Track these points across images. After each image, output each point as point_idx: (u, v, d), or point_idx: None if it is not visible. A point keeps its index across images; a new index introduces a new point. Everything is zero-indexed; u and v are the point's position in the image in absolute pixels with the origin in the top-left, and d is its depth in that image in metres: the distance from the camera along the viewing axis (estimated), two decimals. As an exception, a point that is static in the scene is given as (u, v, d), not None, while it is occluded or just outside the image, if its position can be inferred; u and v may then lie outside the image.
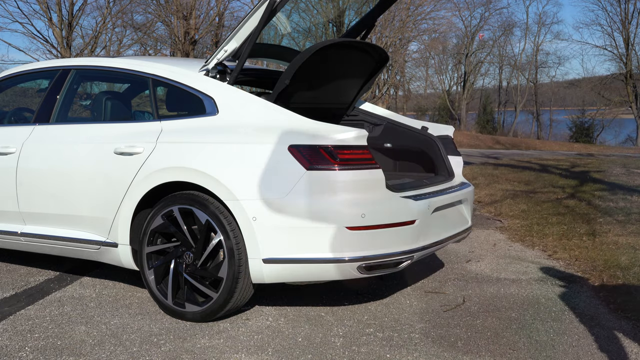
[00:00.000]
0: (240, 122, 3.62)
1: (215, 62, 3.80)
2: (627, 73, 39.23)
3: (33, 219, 4.24)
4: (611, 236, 5.65)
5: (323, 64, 4.01)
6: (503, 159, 15.06)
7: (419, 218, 3.53)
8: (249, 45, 3.70)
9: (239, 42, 3.74)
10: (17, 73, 4.79)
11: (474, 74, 45.84)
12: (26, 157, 4.22)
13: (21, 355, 3.13)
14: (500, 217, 6.94)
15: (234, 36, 3.73)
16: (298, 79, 3.86)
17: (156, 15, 27.83)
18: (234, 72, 3.78)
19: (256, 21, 3.62)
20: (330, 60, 4.06)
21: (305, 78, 4.02)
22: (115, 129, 4.00)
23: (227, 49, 3.77)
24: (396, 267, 3.51)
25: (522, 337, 3.41)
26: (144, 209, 3.78)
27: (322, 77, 4.23)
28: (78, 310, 3.79)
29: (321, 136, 3.36)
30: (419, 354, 3.16)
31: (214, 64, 3.81)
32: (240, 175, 3.41)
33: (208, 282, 3.56)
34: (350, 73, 4.40)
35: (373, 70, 4.48)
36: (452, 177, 4.27)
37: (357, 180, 3.34)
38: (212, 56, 3.85)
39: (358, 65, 4.33)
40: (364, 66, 4.40)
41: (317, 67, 3.98)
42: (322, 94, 4.42)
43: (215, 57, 3.79)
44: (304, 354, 3.16)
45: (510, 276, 4.59)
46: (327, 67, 4.12)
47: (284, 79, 3.73)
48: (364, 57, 4.30)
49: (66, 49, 25.58)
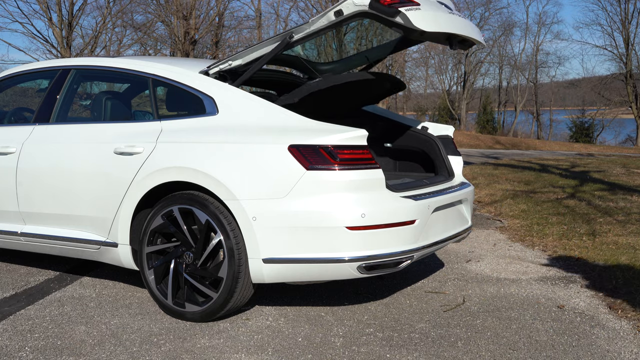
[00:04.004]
0: (240, 122, 3.62)
1: (217, 70, 3.84)
2: (627, 73, 39.23)
3: (33, 219, 4.24)
4: (611, 236, 5.65)
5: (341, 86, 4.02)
6: (503, 158, 15.07)
7: (419, 218, 3.53)
8: (253, 69, 3.75)
9: (245, 61, 3.80)
10: (17, 73, 4.79)
11: (474, 74, 45.82)
12: (26, 157, 4.22)
13: (21, 355, 3.13)
14: (500, 217, 6.94)
15: (244, 54, 3.79)
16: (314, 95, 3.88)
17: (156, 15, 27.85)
18: (236, 83, 3.80)
19: (269, 50, 3.68)
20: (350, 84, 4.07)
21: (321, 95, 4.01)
22: (115, 128, 4.00)
23: (232, 63, 3.81)
24: (396, 267, 3.51)
25: (522, 337, 3.41)
26: (144, 209, 3.79)
27: (336, 94, 4.21)
28: (78, 310, 3.79)
29: (321, 136, 3.36)
30: (419, 354, 3.16)
31: (215, 71, 3.84)
32: (240, 175, 3.42)
33: (208, 282, 3.56)
34: (364, 93, 4.40)
35: (386, 93, 4.52)
36: (452, 177, 4.27)
37: (357, 180, 3.34)
38: (215, 63, 3.86)
39: (374, 88, 4.34)
40: (380, 90, 4.41)
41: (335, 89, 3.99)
42: (331, 104, 4.41)
43: (219, 65, 3.83)
44: (304, 354, 3.16)
45: (510, 276, 4.59)
46: (345, 88, 4.12)
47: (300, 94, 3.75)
48: (383, 83, 4.31)
49: (66, 49, 25.59)
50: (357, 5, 3.35)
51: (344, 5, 3.39)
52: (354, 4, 3.36)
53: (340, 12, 3.40)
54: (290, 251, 3.35)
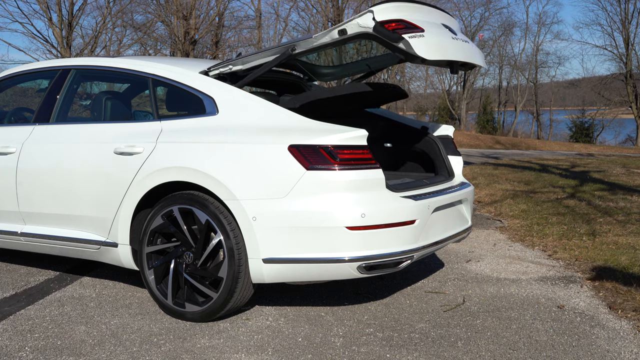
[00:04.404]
0: (240, 122, 3.62)
1: (217, 72, 3.86)
2: (627, 73, 39.22)
3: (33, 219, 4.24)
4: (611, 236, 5.65)
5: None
6: (503, 158, 15.07)
7: (419, 218, 3.53)
8: (253, 75, 3.78)
9: (245, 67, 3.82)
10: (17, 73, 4.79)
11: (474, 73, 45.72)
12: (26, 157, 4.22)
13: (21, 355, 3.13)
14: (500, 217, 6.94)
15: (245, 61, 3.80)
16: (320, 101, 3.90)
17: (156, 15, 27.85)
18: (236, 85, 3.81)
19: (270, 59, 3.71)
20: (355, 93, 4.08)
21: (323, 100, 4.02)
22: (115, 128, 4.01)
23: (232, 67, 3.83)
24: (396, 267, 3.51)
25: (522, 337, 3.41)
26: (144, 209, 3.79)
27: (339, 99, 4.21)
28: (78, 310, 3.79)
29: (321, 136, 3.36)
30: (419, 354, 3.16)
31: (215, 73, 3.85)
32: (240, 175, 3.42)
33: (208, 282, 3.56)
34: (366, 99, 4.40)
35: (389, 99, 4.54)
36: (452, 177, 4.27)
37: (357, 180, 3.34)
38: (215, 65, 3.87)
39: (377, 96, 4.34)
40: (382, 97, 4.42)
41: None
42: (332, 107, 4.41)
43: (219, 68, 3.84)
44: (304, 354, 3.16)
45: (510, 276, 4.59)
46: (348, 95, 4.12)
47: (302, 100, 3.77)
48: (386, 93, 4.32)
49: (66, 49, 25.58)
50: (362, 27, 3.38)
51: (349, 25, 3.41)
52: (358, 25, 3.39)
53: (344, 31, 3.43)
54: (290, 251, 3.35)
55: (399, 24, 3.39)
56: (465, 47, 3.76)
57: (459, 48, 3.69)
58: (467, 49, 3.77)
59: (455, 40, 3.68)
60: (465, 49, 3.75)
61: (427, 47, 3.40)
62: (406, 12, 3.48)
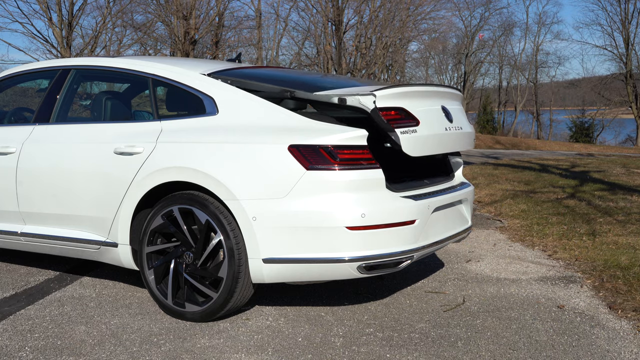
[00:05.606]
0: (240, 121, 3.62)
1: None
2: (627, 73, 39.25)
3: (33, 219, 4.24)
4: (611, 236, 5.65)
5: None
6: (503, 158, 15.07)
7: (419, 218, 3.53)
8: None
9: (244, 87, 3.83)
10: (17, 73, 4.79)
11: (473, 74, 45.86)
12: (26, 157, 4.22)
13: (21, 355, 3.13)
14: (500, 217, 6.94)
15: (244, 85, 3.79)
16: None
17: (156, 15, 27.83)
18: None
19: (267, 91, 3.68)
20: None
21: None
22: (115, 128, 4.01)
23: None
24: (396, 267, 3.51)
25: (522, 337, 3.41)
26: (144, 209, 3.79)
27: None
28: (78, 310, 3.79)
29: (321, 136, 3.36)
30: (419, 354, 3.16)
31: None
32: (240, 175, 3.42)
33: (208, 282, 3.56)
34: None
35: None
36: (452, 177, 4.27)
37: (357, 180, 3.34)
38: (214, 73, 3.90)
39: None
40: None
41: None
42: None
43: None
44: (304, 354, 3.16)
45: (510, 276, 4.59)
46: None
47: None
48: None
49: (66, 49, 25.58)
50: (362, 105, 3.41)
51: (350, 98, 3.43)
52: (359, 102, 3.42)
53: (344, 101, 3.45)
54: (290, 251, 3.35)
55: (397, 114, 3.48)
56: (454, 137, 3.90)
57: (446, 141, 3.84)
58: (455, 139, 3.92)
59: (447, 131, 3.80)
60: (452, 139, 3.90)
61: (415, 144, 3.52)
62: (407, 100, 3.56)
